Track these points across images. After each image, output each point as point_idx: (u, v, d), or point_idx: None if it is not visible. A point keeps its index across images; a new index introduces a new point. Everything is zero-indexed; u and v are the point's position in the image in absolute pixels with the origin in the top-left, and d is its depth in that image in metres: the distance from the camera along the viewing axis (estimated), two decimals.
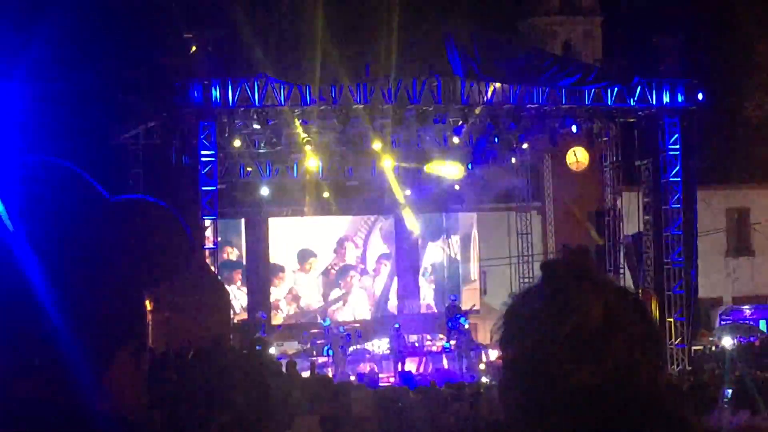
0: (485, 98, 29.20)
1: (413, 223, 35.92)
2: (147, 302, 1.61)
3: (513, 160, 36.17)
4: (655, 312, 29.42)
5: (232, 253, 34.97)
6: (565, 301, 1.97)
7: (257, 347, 23.17)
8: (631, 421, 1.94)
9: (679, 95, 29.94)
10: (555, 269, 2.07)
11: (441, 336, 34.41)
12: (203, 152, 27.61)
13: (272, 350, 28.43)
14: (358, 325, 34.70)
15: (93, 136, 26.93)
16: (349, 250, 36.81)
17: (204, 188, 27.52)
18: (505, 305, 2.07)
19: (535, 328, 1.96)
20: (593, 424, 1.92)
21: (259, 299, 34.44)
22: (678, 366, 28.72)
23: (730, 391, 16.20)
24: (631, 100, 29.77)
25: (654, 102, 29.86)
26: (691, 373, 26.18)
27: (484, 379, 27.65)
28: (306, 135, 30.36)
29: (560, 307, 1.96)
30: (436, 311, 36.92)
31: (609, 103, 29.65)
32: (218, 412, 10.15)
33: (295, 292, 36.00)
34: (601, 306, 1.96)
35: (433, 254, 38.09)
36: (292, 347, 32.66)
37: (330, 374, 28.61)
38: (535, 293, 2.04)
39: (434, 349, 34.09)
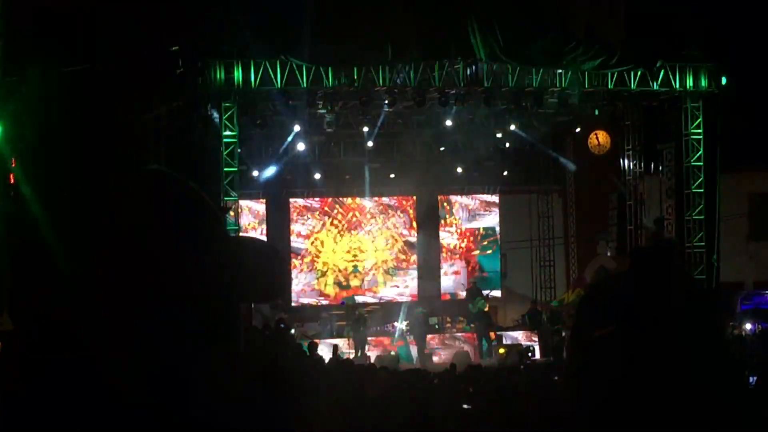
0: (508, 81, 29.05)
1: None
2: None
3: (534, 142, 36.07)
4: None
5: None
6: (653, 291, 2.00)
7: (280, 327, 23.26)
8: (707, 406, 1.97)
9: (702, 79, 29.80)
10: (645, 259, 2.11)
11: (461, 318, 34.39)
12: (225, 133, 27.66)
13: (292, 331, 28.52)
14: (378, 306, 34.73)
15: (115, 116, 26.94)
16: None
17: (226, 169, 27.57)
18: (580, 295, 2.11)
19: (618, 315, 1.98)
20: (669, 408, 1.95)
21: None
22: None
23: (754, 378, 16.14)
24: (654, 84, 29.63)
25: (677, 86, 29.73)
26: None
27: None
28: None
29: (648, 295, 1.99)
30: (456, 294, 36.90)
31: (632, 86, 29.54)
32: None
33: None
34: (684, 298, 2.00)
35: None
36: (311, 329, 32.71)
37: (350, 356, 28.70)
38: (622, 281, 2.07)
39: (454, 331, 34.08)
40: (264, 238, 34.64)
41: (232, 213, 27.38)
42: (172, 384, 1.50)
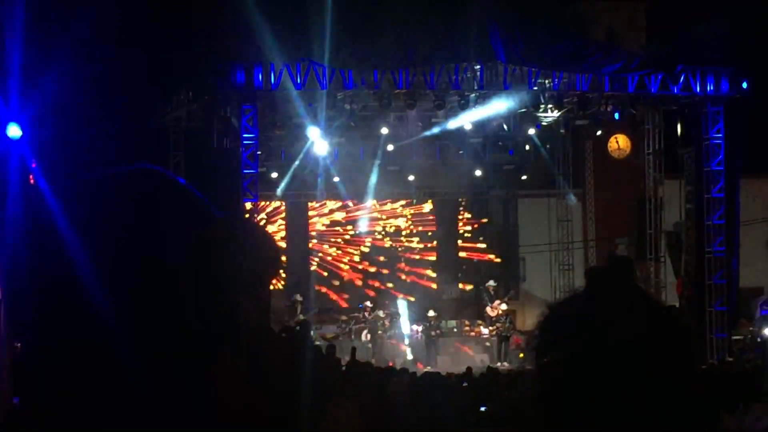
0: (528, 84, 29.02)
1: None
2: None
3: (554, 146, 36.05)
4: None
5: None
6: (610, 313, 1.98)
7: (297, 329, 23.24)
8: (666, 428, 1.95)
9: (723, 83, 29.70)
10: (601, 278, 2.09)
11: (479, 321, 34.36)
12: (245, 135, 27.68)
13: (311, 333, 28.50)
14: (396, 309, 34.69)
15: (134, 118, 27.05)
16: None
17: (245, 171, 27.60)
18: (542, 314, 2.08)
19: (578, 336, 1.97)
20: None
21: (297, 281, 34.42)
22: (718, 356, 28.54)
23: None
24: (675, 88, 29.54)
25: (698, 90, 29.61)
26: (732, 363, 26.02)
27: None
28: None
29: (606, 316, 1.98)
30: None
31: (652, 90, 29.45)
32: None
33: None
34: (644, 319, 1.98)
35: None
36: (329, 331, 32.72)
37: (368, 359, 28.70)
38: (579, 301, 2.05)
39: (472, 334, 34.06)
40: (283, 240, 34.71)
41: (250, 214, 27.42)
42: (180, 390, 1.51)
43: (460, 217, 38.01)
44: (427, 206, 37.13)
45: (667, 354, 1.96)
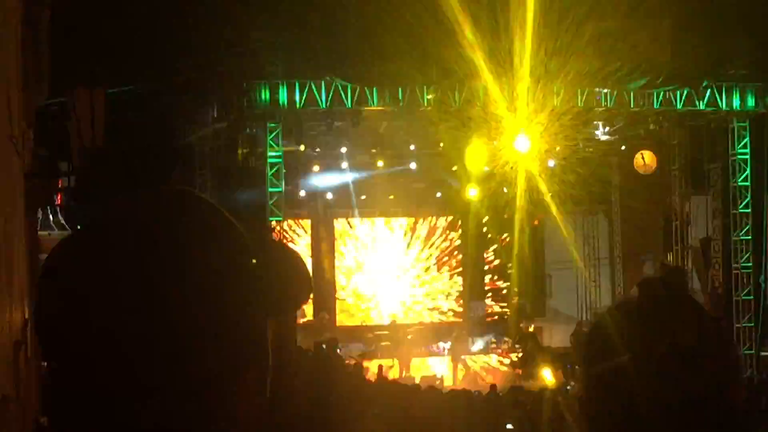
0: (553, 101, 28.94)
1: None
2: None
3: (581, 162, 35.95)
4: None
5: None
6: (662, 322, 1.99)
7: (324, 347, 23.29)
8: None
9: (749, 99, 29.59)
10: (654, 288, 2.09)
11: (506, 339, 34.28)
12: (270, 154, 27.75)
13: (338, 351, 28.53)
14: (422, 327, 34.67)
15: (160, 138, 27.14)
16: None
17: (271, 190, 27.65)
18: (589, 322, 2.10)
19: (628, 346, 1.97)
20: None
21: (324, 299, 34.49)
22: (746, 373, 28.37)
23: None
24: (701, 104, 29.45)
25: (723, 105, 29.53)
26: (761, 379, 25.87)
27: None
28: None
29: (657, 327, 1.98)
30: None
31: (678, 106, 29.36)
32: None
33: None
34: (696, 329, 1.98)
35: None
36: (357, 349, 32.71)
37: (395, 376, 28.71)
38: (631, 310, 2.06)
39: (499, 352, 33.98)
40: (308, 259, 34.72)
41: (277, 231, 27.46)
42: (204, 408, 1.52)
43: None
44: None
45: (718, 365, 1.96)
